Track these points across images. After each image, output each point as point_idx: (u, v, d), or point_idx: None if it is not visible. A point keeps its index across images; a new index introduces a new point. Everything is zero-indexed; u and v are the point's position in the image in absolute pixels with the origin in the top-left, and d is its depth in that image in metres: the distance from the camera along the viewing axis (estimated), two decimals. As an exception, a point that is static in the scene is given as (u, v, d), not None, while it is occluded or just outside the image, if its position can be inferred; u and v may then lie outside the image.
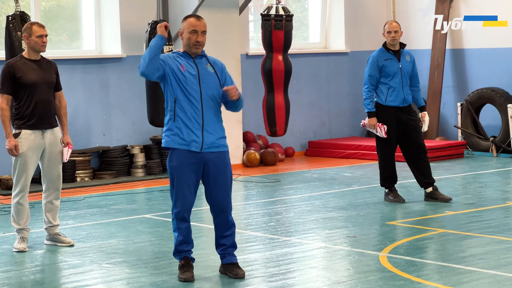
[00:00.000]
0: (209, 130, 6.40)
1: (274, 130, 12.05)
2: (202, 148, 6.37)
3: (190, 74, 6.40)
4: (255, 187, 11.24)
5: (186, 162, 6.38)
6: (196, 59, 6.48)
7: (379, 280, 6.37)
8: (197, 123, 6.37)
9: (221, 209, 6.53)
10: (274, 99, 11.95)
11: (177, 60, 6.45)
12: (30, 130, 7.59)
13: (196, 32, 6.39)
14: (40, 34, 7.62)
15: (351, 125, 15.16)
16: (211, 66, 6.48)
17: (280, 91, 11.98)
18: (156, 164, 12.28)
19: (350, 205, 9.66)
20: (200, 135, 6.36)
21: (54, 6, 12.71)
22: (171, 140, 6.39)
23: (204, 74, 6.43)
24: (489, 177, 11.72)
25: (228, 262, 6.58)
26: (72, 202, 10.26)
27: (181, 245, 6.50)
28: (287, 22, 11.89)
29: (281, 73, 11.94)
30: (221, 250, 6.61)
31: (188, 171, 6.39)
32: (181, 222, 6.46)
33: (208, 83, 6.43)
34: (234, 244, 6.62)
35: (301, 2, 15.38)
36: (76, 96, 12.05)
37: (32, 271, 6.95)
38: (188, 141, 6.36)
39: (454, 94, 14.71)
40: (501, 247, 7.40)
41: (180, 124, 6.36)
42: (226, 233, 6.56)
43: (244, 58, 13.61)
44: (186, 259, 6.51)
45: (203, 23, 6.42)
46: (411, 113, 9.67)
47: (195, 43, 6.40)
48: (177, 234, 6.49)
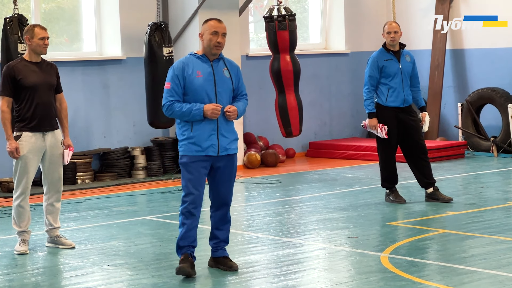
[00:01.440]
0: (224, 134, 6.65)
1: (289, 130, 12.01)
2: (219, 152, 6.62)
3: (206, 80, 6.59)
4: (256, 188, 11.24)
5: (197, 160, 6.61)
6: (214, 62, 6.66)
7: (381, 280, 6.37)
8: (213, 128, 6.59)
9: (223, 202, 6.77)
10: (286, 99, 11.91)
11: (194, 65, 6.62)
12: (31, 132, 7.59)
13: (217, 33, 6.60)
14: (42, 36, 7.64)
15: (352, 126, 15.16)
16: (227, 70, 6.69)
17: (291, 91, 11.94)
18: (157, 165, 12.27)
19: (351, 206, 9.66)
20: (215, 139, 6.60)
21: (54, 8, 12.72)
22: (188, 148, 6.61)
23: (219, 80, 6.64)
24: (490, 177, 11.72)
25: (220, 256, 6.82)
26: (73, 204, 10.26)
27: (182, 240, 6.65)
28: (291, 22, 11.87)
29: (290, 73, 11.91)
30: (214, 243, 6.83)
31: (198, 167, 6.61)
32: (186, 218, 6.61)
33: (223, 88, 6.66)
34: (227, 239, 6.87)
35: (301, 3, 15.39)
36: (77, 98, 12.06)
37: (33, 273, 6.95)
38: (204, 148, 6.59)
39: (454, 94, 14.71)
40: (502, 247, 7.40)
41: (196, 132, 6.58)
42: (222, 226, 6.82)
43: (245, 59, 13.61)
44: (185, 255, 6.64)
45: (223, 25, 6.65)
46: (411, 114, 9.67)
47: (216, 44, 6.59)
48: (181, 230, 6.64)
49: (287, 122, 11.97)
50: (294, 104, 11.95)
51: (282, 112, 11.93)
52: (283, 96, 11.92)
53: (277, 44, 11.88)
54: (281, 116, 11.97)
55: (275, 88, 12.01)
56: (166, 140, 12.53)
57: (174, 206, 9.83)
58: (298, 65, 11.95)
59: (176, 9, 12.64)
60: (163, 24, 11.70)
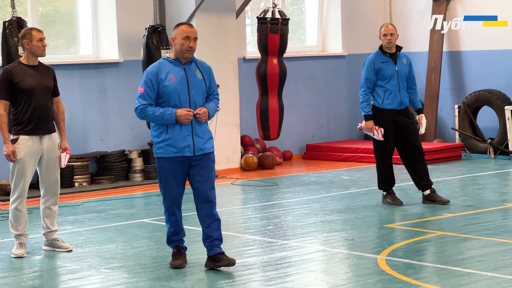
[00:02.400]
0: (199, 134, 6.84)
1: (267, 133, 12.06)
2: (195, 152, 6.80)
3: (179, 83, 6.78)
4: (253, 190, 11.24)
5: (174, 161, 6.84)
6: (186, 65, 6.86)
7: (378, 283, 6.37)
8: (188, 130, 6.79)
9: (206, 199, 6.88)
10: (268, 102, 11.95)
11: (166, 69, 6.81)
12: (28, 135, 7.59)
13: (189, 38, 6.79)
14: (40, 37, 7.66)
15: (349, 128, 15.17)
16: (199, 72, 6.88)
17: (274, 95, 11.98)
18: (154, 168, 12.27)
19: (348, 208, 9.66)
20: (191, 140, 6.79)
21: (51, 12, 12.72)
22: (165, 151, 6.84)
23: (192, 82, 6.84)
24: (487, 179, 11.73)
25: (216, 253, 6.90)
26: (70, 207, 10.26)
27: (173, 235, 7.01)
28: (283, 26, 11.90)
29: (276, 77, 11.94)
30: (209, 242, 6.94)
31: (176, 167, 6.83)
32: (171, 215, 6.94)
33: (197, 89, 6.85)
34: (220, 237, 6.96)
35: (298, 5, 15.40)
36: (74, 101, 12.06)
37: (31, 276, 6.95)
38: (180, 148, 6.80)
39: (451, 96, 14.72)
40: (499, 249, 7.40)
41: (172, 134, 6.79)
42: (212, 225, 6.92)
43: (242, 62, 13.62)
44: (178, 247, 7.04)
45: (194, 30, 6.84)
46: (408, 116, 9.68)
47: (188, 48, 6.80)
48: (169, 226, 7.01)
49: (266, 125, 12.01)
50: (276, 108, 11.99)
51: (263, 115, 11.98)
52: (266, 98, 11.96)
53: (266, 47, 11.91)
54: (261, 118, 12.01)
55: (259, 90, 12.05)
56: (163, 143, 12.51)
57: (172, 209, 9.83)
58: (285, 70, 11.98)
59: (173, 11, 12.64)
60: (161, 27, 11.70)
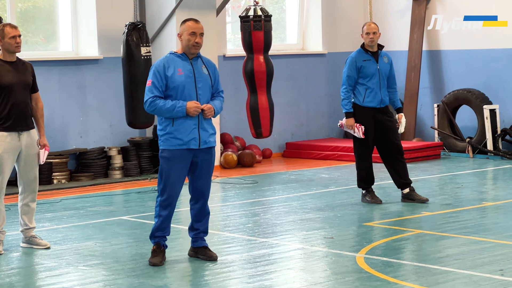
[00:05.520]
0: (204, 128, 6.92)
1: (259, 131, 12.02)
2: (200, 145, 6.88)
3: (187, 77, 6.87)
4: (232, 188, 11.23)
5: (178, 154, 6.86)
6: (193, 60, 6.96)
7: (356, 281, 6.39)
8: (194, 123, 6.86)
9: (201, 194, 7.02)
10: (258, 100, 11.92)
11: (174, 62, 6.90)
12: (6, 132, 7.54)
13: (195, 34, 6.90)
14: (13, 35, 7.58)
15: (329, 126, 15.19)
16: (205, 67, 6.99)
17: (263, 92, 11.95)
18: (133, 165, 12.24)
19: (327, 206, 9.68)
20: (197, 133, 6.87)
21: (30, 8, 12.66)
22: (170, 143, 6.88)
23: (199, 76, 6.94)
24: (465, 178, 11.78)
25: (200, 246, 7.10)
26: (49, 204, 10.21)
27: (158, 231, 6.99)
28: (266, 23, 11.88)
29: (263, 74, 11.92)
30: (194, 234, 7.09)
31: (179, 160, 6.87)
32: (164, 210, 6.93)
33: (203, 84, 6.95)
34: (206, 230, 7.15)
35: (278, 4, 15.40)
36: (53, 97, 12.00)
37: (8, 273, 6.91)
38: (186, 141, 6.85)
39: (430, 95, 14.78)
40: (477, 247, 7.44)
41: (178, 127, 6.85)
42: (201, 218, 7.08)
43: (222, 59, 13.61)
44: (158, 244, 7.01)
45: (200, 26, 6.93)
46: (388, 114, 9.71)
47: (195, 44, 6.90)
48: (157, 220, 6.98)
49: (258, 123, 11.99)
50: (266, 105, 11.96)
51: (253, 113, 11.95)
52: (255, 96, 11.94)
53: (251, 44, 11.89)
54: (252, 117, 11.98)
55: (247, 88, 12.03)
56: (143, 140, 12.50)
57: (151, 206, 9.80)
58: (272, 66, 11.96)
59: (153, 9, 12.61)
60: (141, 24, 11.67)
